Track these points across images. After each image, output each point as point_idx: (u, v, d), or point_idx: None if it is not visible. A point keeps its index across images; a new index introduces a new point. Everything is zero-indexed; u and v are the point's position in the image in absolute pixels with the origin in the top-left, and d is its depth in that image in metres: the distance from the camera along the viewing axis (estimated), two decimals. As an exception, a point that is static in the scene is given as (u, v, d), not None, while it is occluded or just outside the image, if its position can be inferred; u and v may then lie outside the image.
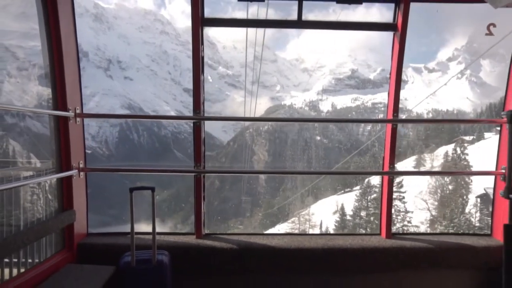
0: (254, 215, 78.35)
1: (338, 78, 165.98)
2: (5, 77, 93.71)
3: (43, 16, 3.29)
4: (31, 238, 2.97)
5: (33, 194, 3.68)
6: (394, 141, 3.89)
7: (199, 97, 3.76)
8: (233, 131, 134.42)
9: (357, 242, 3.76)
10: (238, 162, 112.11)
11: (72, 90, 3.56)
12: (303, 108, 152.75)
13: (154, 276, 3.37)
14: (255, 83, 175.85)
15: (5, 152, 4.83)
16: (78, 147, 3.70)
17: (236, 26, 3.85)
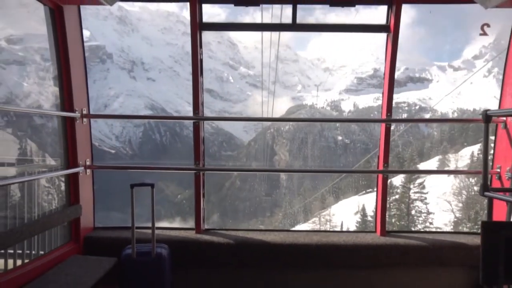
0: (274, 215, 78.45)
1: (360, 78, 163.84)
2: (35, 79, 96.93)
3: (51, 24, 3.54)
4: (37, 229, 3.21)
5: (43, 189, 3.96)
6: (388, 140, 3.97)
7: (198, 98, 3.93)
8: (254, 131, 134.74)
9: (351, 239, 3.85)
10: (259, 162, 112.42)
11: (78, 93, 3.80)
12: (324, 108, 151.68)
13: (153, 268, 3.57)
14: (275, 83, 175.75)
15: (24, 151, 5.16)
16: (84, 145, 3.94)
17: (232, 30, 4.01)
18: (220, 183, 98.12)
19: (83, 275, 3.18)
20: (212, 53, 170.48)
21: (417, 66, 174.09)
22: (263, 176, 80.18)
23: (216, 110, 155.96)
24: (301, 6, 3.77)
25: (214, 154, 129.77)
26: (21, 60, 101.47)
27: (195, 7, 3.72)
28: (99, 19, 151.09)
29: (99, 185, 4.26)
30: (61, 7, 3.50)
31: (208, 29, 3.90)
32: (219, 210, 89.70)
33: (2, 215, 3.42)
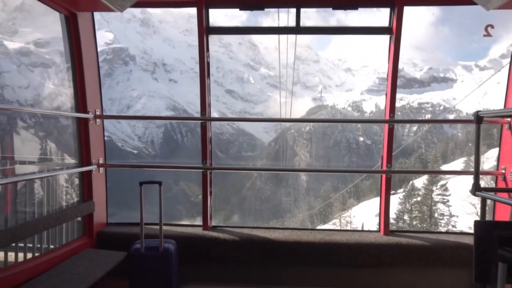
0: (295, 216, 78.16)
1: (382, 78, 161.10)
2: (61, 81, 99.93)
3: (66, 30, 3.75)
4: (51, 223, 3.42)
5: (61, 186, 4.19)
6: (391, 140, 4.03)
7: (205, 100, 4.08)
8: (274, 132, 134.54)
9: (354, 238, 3.92)
10: (279, 162, 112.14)
11: (92, 95, 4.01)
12: (345, 109, 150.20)
13: (160, 262, 3.74)
14: (296, 84, 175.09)
15: (44, 150, 5.45)
16: (98, 145, 4.15)
17: (238, 34, 4.13)
18: (240, 184, 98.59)
19: (93, 267, 3.37)
20: (233, 54, 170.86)
21: (441, 66, 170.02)
22: (283, 177, 79.96)
23: (236, 111, 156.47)
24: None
25: (234, 155, 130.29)
26: (48, 63, 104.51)
27: (201, 12, 3.87)
28: (123, 22, 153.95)
29: (122, 183, 4.42)
30: (75, 14, 3.71)
31: (214, 33, 4.05)
32: (240, 211, 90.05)
33: (29, 211, 3.67)
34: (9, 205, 3.74)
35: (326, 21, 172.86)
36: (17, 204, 3.76)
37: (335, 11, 3.87)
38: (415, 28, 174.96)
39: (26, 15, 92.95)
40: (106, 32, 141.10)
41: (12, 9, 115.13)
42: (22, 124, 27.65)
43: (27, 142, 25.63)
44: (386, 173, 4.05)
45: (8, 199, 3.74)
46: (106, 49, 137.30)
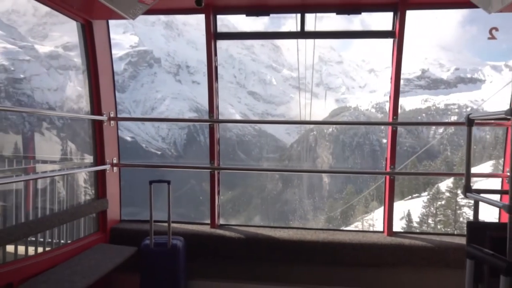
0: (315, 218, 77.71)
1: (407, 79, 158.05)
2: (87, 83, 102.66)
3: (82, 37, 3.99)
4: (66, 219, 3.65)
5: (80, 184, 4.44)
6: (395, 142, 4.10)
7: (213, 102, 4.24)
8: (296, 133, 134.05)
9: (357, 238, 4.00)
10: (301, 164, 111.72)
11: (106, 98, 4.24)
12: (369, 110, 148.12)
13: (168, 257, 3.91)
14: (319, 85, 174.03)
15: (65, 151, 5.77)
16: (112, 145, 4.37)
17: (244, 39, 4.29)
18: (262, 186, 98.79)
19: (105, 260, 3.58)
20: (255, 56, 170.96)
21: (468, 66, 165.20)
22: (304, 179, 79.73)
23: (258, 113, 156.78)
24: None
25: (256, 156, 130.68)
26: (76, 65, 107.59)
27: (209, 19, 4.04)
28: (147, 25, 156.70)
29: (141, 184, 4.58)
30: (90, 22, 3.94)
31: (222, 38, 4.22)
32: (261, 212, 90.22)
33: (48, 207, 3.93)
34: (30, 202, 4.01)
35: (350, 22, 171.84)
36: (37, 200, 4.03)
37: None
38: (442, 28, 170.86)
39: (56, 19, 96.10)
40: (132, 35, 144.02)
41: (43, 14, 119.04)
42: (46, 125, 28.79)
43: (49, 142, 26.72)
44: (390, 175, 4.12)
45: (29, 196, 4.01)
46: (131, 52, 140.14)
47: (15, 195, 3.87)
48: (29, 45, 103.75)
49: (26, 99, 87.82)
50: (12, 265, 3.14)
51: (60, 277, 3.11)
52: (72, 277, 3.13)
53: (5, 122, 24.68)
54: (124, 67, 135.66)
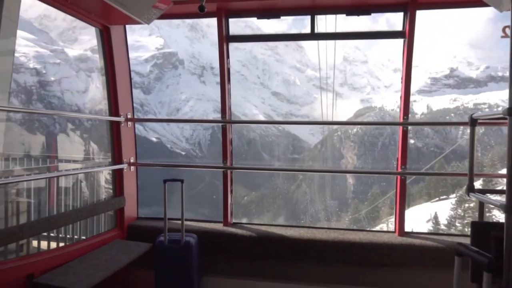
0: (340, 220, 76.87)
1: (435, 78, 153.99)
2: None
3: (100, 42, 4.18)
4: (84, 215, 3.84)
5: (101, 183, 4.65)
6: (406, 143, 4.10)
7: (225, 103, 4.36)
8: (320, 134, 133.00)
9: (367, 237, 4.03)
10: (325, 165, 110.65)
11: (124, 100, 4.42)
12: (394, 110, 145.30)
13: (181, 254, 4.05)
14: (343, 85, 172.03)
15: (87, 151, 6.06)
16: (129, 145, 4.55)
17: (256, 41, 4.38)
18: (286, 187, 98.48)
19: (120, 255, 3.75)
20: (279, 56, 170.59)
21: (499, 64, 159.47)
22: (328, 180, 78.99)
23: (282, 113, 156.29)
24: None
25: (279, 157, 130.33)
26: (102, 67, 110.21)
27: (221, 22, 4.16)
28: (172, 27, 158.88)
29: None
30: (108, 27, 4.12)
31: (234, 41, 4.33)
32: (285, 213, 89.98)
33: (68, 204, 4.15)
34: (53, 198, 4.24)
35: (375, 21, 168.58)
36: (59, 197, 4.25)
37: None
38: (471, 25, 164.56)
39: (84, 24, 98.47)
40: (157, 38, 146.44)
41: (73, 18, 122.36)
42: (71, 126, 29.92)
43: (72, 142, 27.71)
44: (401, 175, 4.13)
45: (52, 193, 4.24)
46: (156, 54, 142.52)
47: (38, 192, 4.11)
48: (60, 48, 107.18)
49: (57, 101, 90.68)
50: (34, 257, 3.34)
51: (77, 270, 3.28)
52: (88, 270, 3.30)
53: (37, 123, 25.80)
54: (149, 69, 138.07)
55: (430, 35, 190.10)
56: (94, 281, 3.12)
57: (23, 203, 3.88)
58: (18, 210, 3.79)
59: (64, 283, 3.00)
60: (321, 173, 31.08)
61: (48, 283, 3.03)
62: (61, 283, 3.01)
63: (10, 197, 3.89)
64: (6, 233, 3.03)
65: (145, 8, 3.68)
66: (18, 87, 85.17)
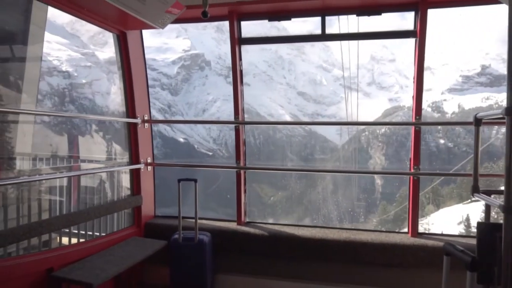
0: (368, 221, 75.68)
1: (466, 76, 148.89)
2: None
3: (118, 46, 4.35)
4: (102, 212, 4.01)
5: (116, 181, 4.83)
6: (418, 143, 4.07)
7: (238, 104, 4.45)
8: (347, 134, 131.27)
9: (379, 238, 4.02)
10: (353, 166, 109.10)
11: (140, 102, 4.58)
12: (424, 109, 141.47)
13: (195, 251, 4.17)
14: (371, 84, 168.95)
15: (109, 151, 6.34)
16: (146, 146, 4.72)
17: (268, 43, 4.45)
18: (313, 187, 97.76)
19: (135, 252, 3.90)
20: (305, 56, 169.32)
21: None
22: (355, 181, 77.85)
23: (308, 113, 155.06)
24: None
25: (306, 157, 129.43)
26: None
27: (233, 25, 4.25)
28: (199, 29, 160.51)
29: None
30: (124, 32, 4.29)
31: (246, 43, 4.40)
32: (312, 213, 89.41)
33: (89, 202, 4.35)
34: (75, 196, 4.45)
35: (404, 19, 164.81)
36: (80, 195, 4.45)
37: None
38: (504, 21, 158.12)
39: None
40: (184, 40, 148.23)
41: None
42: (94, 127, 30.89)
43: (95, 143, 28.50)
44: (413, 175, 4.10)
45: (74, 191, 4.45)
46: (183, 55, 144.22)
47: (61, 191, 4.32)
48: (90, 52, 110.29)
49: (88, 103, 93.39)
50: (54, 252, 3.53)
51: (94, 265, 3.45)
52: (104, 265, 3.46)
53: (64, 125, 26.84)
54: (177, 71, 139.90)
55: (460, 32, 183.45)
56: (108, 276, 3.27)
57: (46, 201, 4.10)
58: (41, 207, 4.00)
59: (79, 277, 3.17)
60: (347, 174, 30.74)
61: (65, 276, 3.20)
62: (77, 276, 3.18)
63: (34, 195, 4.12)
64: (27, 229, 3.22)
65: (159, 14, 3.81)
66: (51, 90, 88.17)
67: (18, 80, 5.92)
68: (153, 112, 23.37)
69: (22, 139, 5.53)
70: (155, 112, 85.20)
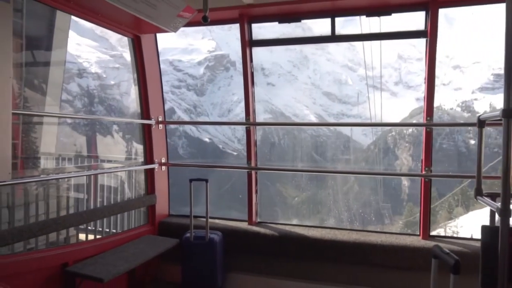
0: (394, 223, 74.29)
1: (498, 74, 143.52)
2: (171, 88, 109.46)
3: (132, 50, 4.49)
4: (115, 211, 4.15)
5: (132, 180, 4.98)
6: (429, 144, 4.02)
7: (249, 106, 4.51)
8: (373, 134, 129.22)
9: (389, 240, 3.99)
10: (379, 167, 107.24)
11: (155, 104, 4.71)
12: (454, 109, 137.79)
13: (206, 250, 4.26)
14: (398, 84, 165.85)
15: (129, 151, 6.54)
16: (160, 146, 4.84)
17: (278, 45, 4.49)
18: (337, 187, 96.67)
19: (147, 249, 4.02)
20: (330, 55, 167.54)
21: None
22: (380, 182, 76.63)
23: (333, 114, 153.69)
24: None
25: (331, 158, 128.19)
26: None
27: (243, 27, 4.31)
28: (224, 30, 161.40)
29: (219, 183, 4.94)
30: (139, 36, 4.42)
31: (257, 46, 4.46)
32: (335, 215, 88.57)
33: (104, 200, 4.51)
34: (93, 195, 4.62)
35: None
36: (97, 194, 4.62)
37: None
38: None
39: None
40: (209, 41, 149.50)
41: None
42: (115, 128, 31.64)
43: (114, 144, 29.21)
44: (425, 177, 4.05)
45: (92, 190, 4.62)
46: (208, 56, 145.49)
47: (79, 189, 4.50)
48: (118, 53, 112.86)
49: (116, 104, 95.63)
50: (70, 248, 3.69)
51: (106, 261, 3.58)
52: (116, 261, 3.59)
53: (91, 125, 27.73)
54: (202, 71, 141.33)
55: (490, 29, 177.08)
56: (119, 272, 3.39)
57: (63, 198, 4.28)
58: (59, 205, 4.18)
59: (91, 272, 3.30)
60: (372, 175, 30.30)
61: (77, 271, 3.35)
62: (89, 272, 3.31)
63: (53, 193, 4.31)
64: (42, 225, 3.38)
65: (171, 18, 3.91)
66: (81, 91, 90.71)
67: (42, 84, 6.18)
68: (179, 112, 24.37)
69: (45, 139, 5.79)
70: (181, 113, 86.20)
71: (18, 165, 5.19)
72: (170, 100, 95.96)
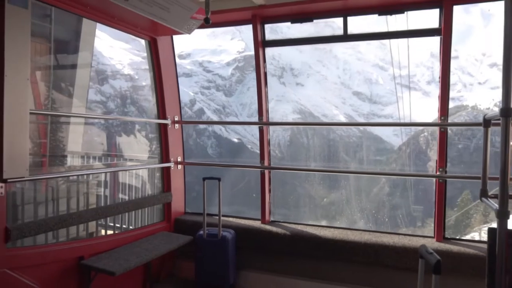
0: (426, 226, 72.43)
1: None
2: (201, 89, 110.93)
3: (149, 52, 4.63)
4: (130, 207, 4.30)
5: (150, 179, 5.14)
6: (443, 144, 3.95)
7: (262, 105, 4.55)
8: (405, 135, 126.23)
9: (401, 241, 3.94)
10: (411, 168, 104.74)
11: (171, 104, 4.84)
12: (490, 109, 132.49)
13: (218, 247, 4.34)
14: (431, 83, 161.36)
15: (152, 151, 6.73)
16: (176, 145, 4.97)
17: (291, 45, 4.51)
18: (368, 188, 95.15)
19: (161, 245, 4.14)
20: (360, 55, 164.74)
21: None
22: (411, 183, 74.91)
23: (364, 114, 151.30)
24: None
25: (361, 159, 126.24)
26: (188, 72, 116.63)
27: (256, 28, 4.36)
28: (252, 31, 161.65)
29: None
30: (155, 38, 4.55)
31: (270, 46, 4.50)
32: (364, 216, 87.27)
33: (123, 198, 4.67)
34: (114, 191, 4.80)
35: (468, 12, 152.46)
36: (116, 191, 4.79)
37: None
38: None
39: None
40: (239, 41, 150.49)
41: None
42: (137, 127, 32.51)
43: (138, 143, 29.98)
44: (439, 178, 3.97)
45: (115, 187, 4.80)
46: (238, 57, 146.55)
47: (98, 186, 4.68)
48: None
49: (147, 104, 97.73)
50: (86, 242, 3.85)
51: (119, 256, 3.72)
52: (128, 256, 3.72)
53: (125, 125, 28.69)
54: (231, 72, 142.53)
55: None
56: (130, 266, 3.51)
57: (83, 194, 4.46)
58: (78, 200, 4.36)
59: (105, 266, 3.44)
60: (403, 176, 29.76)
61: (91, 264, 3.50)
62: (103, 265, 3.45)
63: (73, 189, 4.49)
64: (58, 219, 3.55)
65: (184, 20, 4.02)
66: (114, 92, 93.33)
67: (69, 87, 6.45)
68: (208, 113, 24.84)
69: (71, 138, 6.04)
70: (210, 113, 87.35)
71: (45, 163, 5.44)
72: (200, 100, 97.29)
